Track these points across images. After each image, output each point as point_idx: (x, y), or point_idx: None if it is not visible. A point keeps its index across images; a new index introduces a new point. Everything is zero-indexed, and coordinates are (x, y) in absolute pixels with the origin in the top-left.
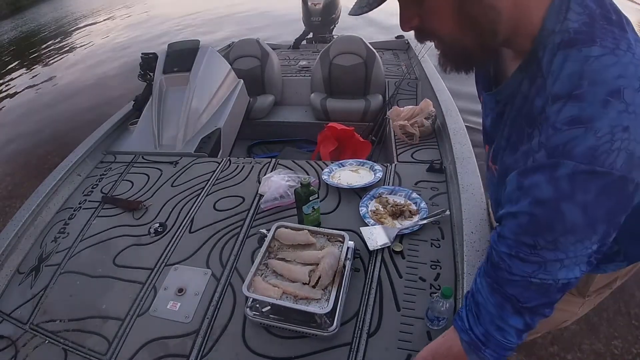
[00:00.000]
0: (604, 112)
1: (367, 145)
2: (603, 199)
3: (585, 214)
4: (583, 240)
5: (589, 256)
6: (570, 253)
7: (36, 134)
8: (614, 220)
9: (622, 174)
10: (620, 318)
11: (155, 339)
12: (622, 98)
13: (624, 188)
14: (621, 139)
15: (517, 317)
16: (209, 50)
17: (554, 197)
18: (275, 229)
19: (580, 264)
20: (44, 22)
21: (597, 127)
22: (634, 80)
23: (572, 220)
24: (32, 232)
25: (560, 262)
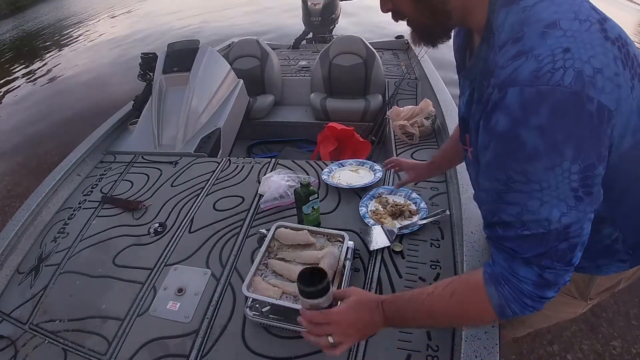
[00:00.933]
0: (542, 41)
1: (367, 145)
2: (558, 118)
3: (543, 136)
4: (553, 167)
5: (574, 190)
6: (544, 183)
7: (36, 133)
8: (585, 143)
9: (573, 90)
10: (620, 318)
11: (155, 339)
12: (559, 27)
13: (581, 106)
14: (563, 59)
15: (526, 268)
16: (208, 50)
17: (510, 125)
18: (275, 229)
19: (566, 199)
20: (43, 22)
21: (538, 53)
22: (568, 13)
23: (532, 145)
24: (32, 232)
25: (539, 198)
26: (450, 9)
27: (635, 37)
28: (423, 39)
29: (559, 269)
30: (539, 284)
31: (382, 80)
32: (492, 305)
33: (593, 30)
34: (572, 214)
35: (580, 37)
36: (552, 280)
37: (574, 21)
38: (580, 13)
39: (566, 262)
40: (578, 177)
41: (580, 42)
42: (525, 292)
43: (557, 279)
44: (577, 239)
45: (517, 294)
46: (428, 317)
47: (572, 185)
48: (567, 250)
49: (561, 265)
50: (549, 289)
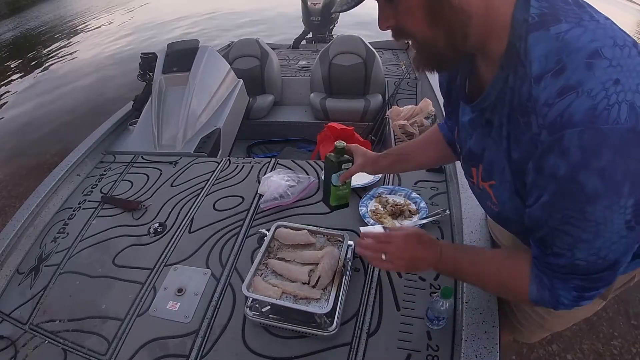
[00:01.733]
0: (589, 73)
1: (367, 145)
2: (618, 158)
3: (603, 178)
4: (611, 205)
5: (627, 222)
6: (600, 219)
7: (35, 133)
8: (639, 177)
9: (629, 126)
10: (620, 318)
11: (155, 339)
12: (604, 56)
13: (638, 142)
14: (616, 92)
15: (566, 292)
16: (208, 50)
17: (569, 170)
18: (275, 228)
19: (619, 231)
20: (43, 22)
21: (589, 88)
22: (606, 39)
23: (592, 187)
24: (32, 232)
25: (594, 232)
26: (470, 32)
27: (636, 37)
28: (430, 64)
29: (600, 288)
30: (576, 299)
31: (382, 80)
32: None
33: (633, 55)
34: (622, 242)
35: (626, 66)
36: (589, 297)
37: (615, 48)
38: (617, 38)
39: (608, 282)
40: (632, 210)
41: (627, 70)
42: (561, 301)
43: (595, 295)
44: (624, 258)
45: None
46: (476, 276)
47: (626, 218)
48: (611, 275)
49: (603, 284)
50: (585, 301)
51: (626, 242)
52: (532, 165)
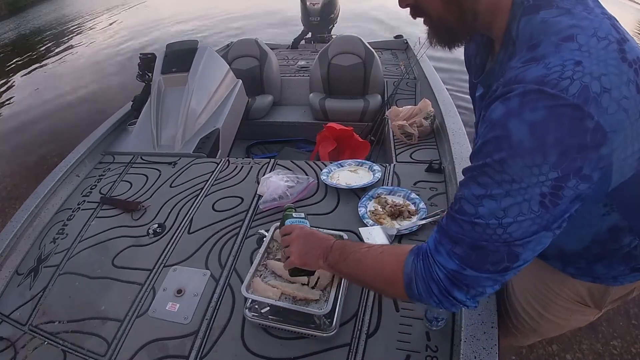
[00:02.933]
0: (556, 50)
1: (366, 146)
2: (552, 122)
3: (532, 133)
4: (532, 166)
5: (542, 195)
6: (516, 177)
7: (35, 134)
8: (570, 154)
9: (575, 102)
10: (620, 318)
11: (155, 340)
12: (576, 40)
13: (580, 120)
14: (573, 70)
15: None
16: (207, 50)
17: (503, 115)
18: (274, 229)
19: (531, 201)
20: (43, 22)
21: (548, 61)
22: (587, 29)
23: (518, 138)
24: (31, 233)
25: (506, 191)
26: (479, 10)
27: (635, 37)
28: (442, 40)
29: (485, 271)
30: (451, 277)
31: (381, 80)
32: (402, 273)
33: (610, 50)
34: (530, 219)
35: (595, 54)
36: (468, 281)
37: (592, 37)
38: (600, 30)
39: (498, 270)
40: (551, 184)
41: (595, 58)
42: (434, 276)
43: (475, 282)
44: (520, 250)
45: (426, 274)
46: (356, 263)
47: (542, 189)
48: (508, 258)
49: (491, 268)
50: (460, 290)
51: (535, 222)
52: (482, 116)
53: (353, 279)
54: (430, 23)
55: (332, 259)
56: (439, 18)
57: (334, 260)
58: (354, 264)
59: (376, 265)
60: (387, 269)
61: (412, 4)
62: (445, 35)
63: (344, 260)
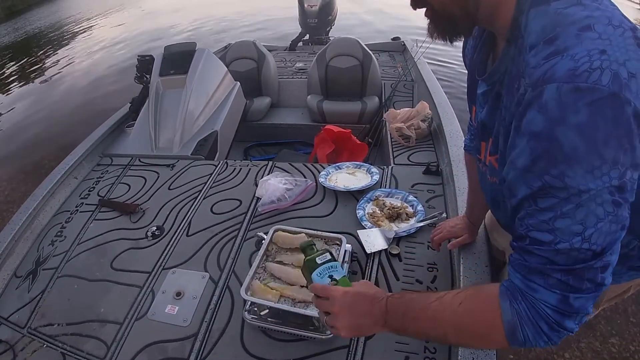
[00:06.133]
0: (577, 41)
1: (364, 148)
2: (598, 118)
3: (582, 136)
4: (592, 170)
5: (612, 194)
6: (582, 187)
7: (33, 137)
8: (623, 146)
9: (612, 91)
10: (618, 316)
11: (154, 343)
12: (594, 30)
13: (620, 108)
14: (600, 59)
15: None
16: (205, 52)
17: (546, 124)
18: (273, 232)
19: (604, 204)
20: (40, 26)
21: (574, 53)
22: (602, 18)
23: (570, 145)
24: (29, 236)
25: (576, 203)
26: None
27: None
28: (444, 31)
29: (587, 291)
30: (560, 310)
31: (378, 82)
32: (502, 322)
33: (627, 36)
34: (609, 221)
35: (615, 41)
36: (576, 307)
37: (608, 26)
38: (614, 19)
39: (597, 284)
40: (617, 182)
41: (616, 45)
42: (542, 313)
43: (583, 305)
44: (611, 257)
45: (533, 314)
46: (431, 320)
47: (610, 188)
48: (600, 270)
49: (591, 285)
50: (570, 319)
51: (613, 222)
52: (514, 125)
53: (429, 339)
54: (431, 14)
55: (394, 322)
56: (441, 8)
57: (398, 324)
58: (429, 324)
59: (461, 320)
60: (479, 321)
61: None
62: (447, 26)
63: (412, 320)
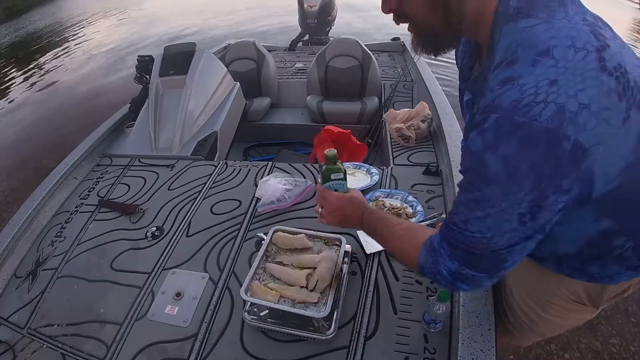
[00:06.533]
0: (532, 70)
1: (364, 148)
2: (526, 151)
3: (505, 166)
4: (508, 194)
5: (521, 215)
6: (495, 203)
7: (32, 138)
8: (546, 178)
9: (549, 127)
10: (619, 316)
11: (154, 344)
12: (552, 55)
13: (556, 143)
14: (546, 92)
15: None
16: (205, 53)
17: (480, 148)
18: (273, 233)
19: (510, 220)
20: (39, 27)
21: (523, 83)
22: (565, 39)
23: (493, 170)
24: (29, 236)
25: (487, 213)
26: (465, 13)
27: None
28: (428, 46)
29: (481, 272)
30: (453, 274)
31: (378, 82)
32: (417, 259)
33: (589, 60)
34: (510, 234)
35: (572, 68)
36: (466, 278)
37: (569, 49)
38: (578, 39)
39: (489, 271)
40: (528, 205)
41: (571, 74)
42: (441, 272)
43: (473, 280)
44: (509, 255)
45: (434, 269)
46: (385, 239)
47: (520, 211)
48: (498, 262)
49: (486, 269)
50: (462, 283)
51: (516, 235)
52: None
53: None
54: (414, 29)
55: (365, 229)
56: (424, 22)
57: (368, 230)
58: (383, 240)
59: (399, 247)
60: (407, 252)
61: (395, 9)
62: (431, 40)
63: (376, 233)
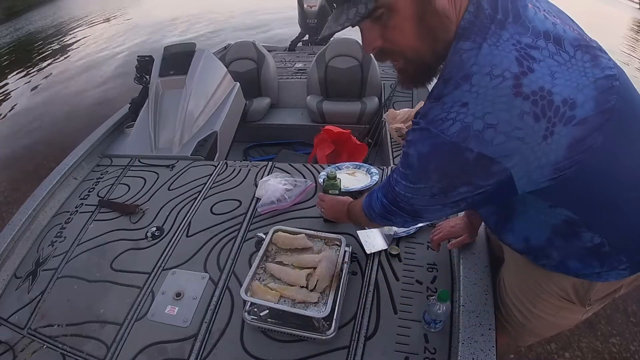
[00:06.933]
0: (453, 91)
1: (364, 148)
2: (434, 154)
3: (419, 160)
4: (420, 179)
5: (432, 194)
6: (411, 181)
7: (33, 138)
8: (452, 175)
9: (452, 140)
10: (618, 315)
11: (154, 344)
12: (470, 81)
13: (458, 153)
14: (457, 112)
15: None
16: (205, 53)
17: (409, 141)
18: (273, 233)
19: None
20: (39, 27)
21: (445, 101)
22: (484, 67)
23: (412, 160)
24: (29, 236)
25: (406, 185)
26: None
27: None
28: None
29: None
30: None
31: (378, 82)
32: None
33: (502, 87)
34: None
35: (483, 94)
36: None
37: (485, 77)
38: (497, 67)
39: (413, 217)
40: (438, 189)
41: (482, 98)
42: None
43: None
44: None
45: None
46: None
47: (431, 191)
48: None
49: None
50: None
51: (428, 204)
52: None
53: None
54: (402, 63)
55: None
56: (415, 53)
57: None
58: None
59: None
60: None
61: (380, 46)
62: (420, 72)
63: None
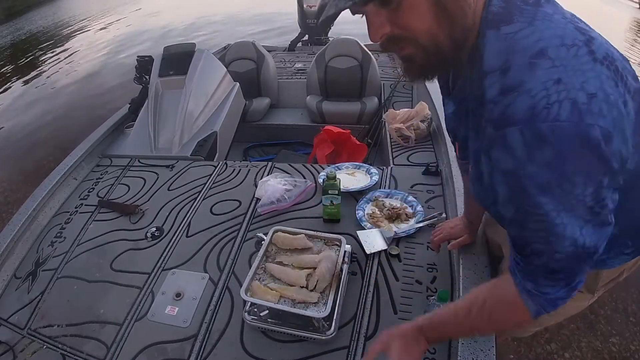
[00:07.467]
0: (531, 73)
1: (363, 148)
2: (563, 151)
3: (552, 172)
4: (567, 194)
5: (590, 208)
6: (559, 206)
7: (32, 138)
8: (593, 168)
9: (574, 121)
10: (618, 315)
11: (154, 344)
12: (547, 56)
13: (584, 135)
14: (557, 91)
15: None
16: (205, 53)
17: (516, 165)
18: (273, 233)
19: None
20: (39, 27)
21: (529, 88)
22: (553, 39)
23: (543, 179)
24: (29, 237)
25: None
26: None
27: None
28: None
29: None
30: (568, 292)
31: (378, 82)
32: (530, 314)
33: (581, 54)
34: (590, 226)
35: (570, 65)
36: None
37: (560, 48)
38: (566, 37)
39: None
40: (592, 198)
41: (571, 69)
42: (557, 301)
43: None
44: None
45: (552, 304)
46: (470, 333)
47: (587, 204)
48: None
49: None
50: (575, 292)
51: (594, 226)
52: (484, 159)
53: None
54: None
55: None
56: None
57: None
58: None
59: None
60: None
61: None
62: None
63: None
